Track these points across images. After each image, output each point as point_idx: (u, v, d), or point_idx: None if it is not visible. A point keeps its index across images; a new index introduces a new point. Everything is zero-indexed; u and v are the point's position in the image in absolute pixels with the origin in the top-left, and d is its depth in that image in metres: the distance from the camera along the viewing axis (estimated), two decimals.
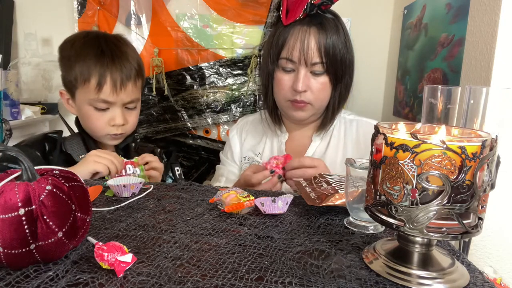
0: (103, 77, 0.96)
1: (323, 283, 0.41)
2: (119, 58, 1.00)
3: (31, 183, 0.41)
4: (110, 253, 0.41)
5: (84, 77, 0.97)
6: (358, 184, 0.55)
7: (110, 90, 0.97)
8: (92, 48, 0.99)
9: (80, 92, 1.00)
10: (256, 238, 0.52)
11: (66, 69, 1.01)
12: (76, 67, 0.98)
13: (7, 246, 0.39)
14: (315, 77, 0.92)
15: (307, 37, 0.89)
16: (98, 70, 0.96)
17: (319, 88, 0.92)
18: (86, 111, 1.01)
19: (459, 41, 1.01)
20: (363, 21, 1.58)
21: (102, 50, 0.99)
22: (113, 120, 1.01)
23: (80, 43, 1.01)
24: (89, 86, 0.97)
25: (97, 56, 0.98)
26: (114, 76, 0.97)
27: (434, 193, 0.38)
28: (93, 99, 0.98)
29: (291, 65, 0.92)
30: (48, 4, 1.63)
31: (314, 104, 0.94)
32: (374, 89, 1.68)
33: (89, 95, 0.98)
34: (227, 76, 1.63)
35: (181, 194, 0.70)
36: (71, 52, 1.01)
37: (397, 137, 0.40)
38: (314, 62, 0.90)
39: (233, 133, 1.13)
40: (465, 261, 0.47)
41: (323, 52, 0.89)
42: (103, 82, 0.96)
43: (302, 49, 0.89)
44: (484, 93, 0.43)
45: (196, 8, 1.59)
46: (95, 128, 1.02)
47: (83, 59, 0.97)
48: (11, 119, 1.37)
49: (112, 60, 0.98)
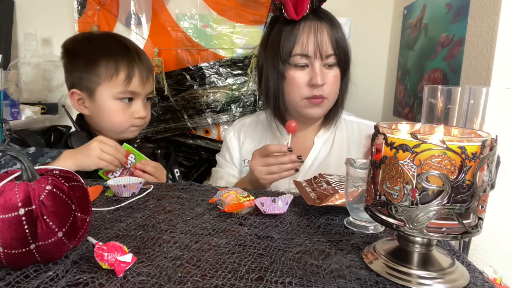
0: (132, 70, 1.00)
1: (323, 283, 0.41)
2: (142, 54, 1.06)
3: (31, 183, 0.41)
4: (110, 253, 0.41)
5: (111, 71, 0.98)
6: (358, 184, 0.55)
7: (138, 82, 1.01)
8: (117, 44, 1.03)
9: (105, 88, 0.99)
10: (256, 238, 0.52)
11: (83, 67, 1.00)
12: (101, 63, 0.98)
13: (7, 246, 0.39)
14: (329, 70, 0.93)
15: (319, 30, 0.91)
16: (126, 63, 0.99)
17: (333, 81, 0.94)
18: (111, 106, 1.01)
19: (459, 41, 1.01)
20: (363, 21, 1.58)
21: (126, 45, 1.03)
22: (137, 112, 1.03)
23: (100, 40, 1.04)
24: (117, 80, 0.99)
25: (124, 51, 1.01)
26: (141, 69, 1.02)
27: (434, 193, 0.38)
28: (121, 92, 1.00)
29: (305, 60, 0.92)
30: (48, 4, 1.63)
31: (329, 98, 0.95)
32: (374, 89, 1.68)
33: (116, 89, 0.99)
34: (227, 76, 1.63)
35: (181, 194, 0.70)
36: (91, 49, 1.01)
37: (397, 137, 0.40)
38: (329, 54, 0.91)
39: (230, 136, 1.11)
40: (465, 261, 0.47)
41: (335, 44, 0.91)
42: (132, 74, 1.00)
43: (316, 42, 0.90)
44: (484, 93, 0.43)
45: (196, 8, 1.59)
46: (120, 122, 1.02)
47: (109, 55, 0.99)
48: (11, 119, 1.37)
49: (138, 55, 1.03)
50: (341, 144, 1.01)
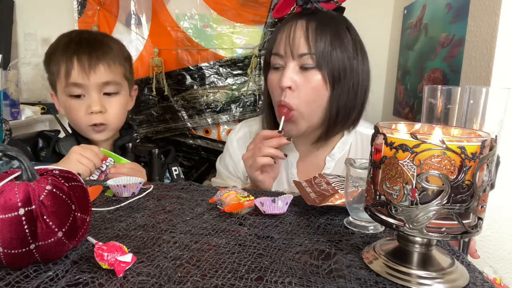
0: (70, 61, 0.94)
1: (323, 283, 0.41)
2: (88, 42, 0.98)
3: (31, 183, 0.41)
4: (110, 253, 0.41)
5: (56, 67, 0.97)
6: (358, 184, 0.55)
7: (78, 73, 0.95)
8: (64, 39, 1.00)
9: (58, 85, 0.99)
10: (256, 238, 0.52)
11: (46, 67, 1.02)
12: (50, 60, 0.98)
13: (7, 246, 0.39)
14: (304, 73, 0.80)
15: (293, 27, 0.81)
16: (66, 56, 0.95)
17: (308, 86, 0.80)
18: (65, 104, 0.99)
19: (459, 41, 1.01)
20: (363, 21, 1.58)
21: (71, 38, 0.99)
22: (90, 107, 0.97)
23: (57, 38, 1.02)
24: (60, 75, 0.96)
25: (65, 45, 0.98)
26: (81, 58, 0.95)
27: (434, 193, 0.38)
28: (65, 86, 0.96)
29: (280, 61, 0.83)
30: (48, 4, 1.63)
31: (300, 109, 0.81)
32: (374, 89, 1.66)
33: (61, 83, 0.97)
34: (227, 76, 1.63)
35: (181, 194, 0.70)
36: (48, 51, 1.01)
37: (396, 137, 0.40)
38: (302, 53, 0.79)
39: (233, 145, 1.00)
40: (464, 261, 0.47)
41: (311, 41, 0.78)
42: (70, 66, 0.95)
43: (288, 39, 0.80)
44: (484, 93, 0.43)
45: (196, 8, 1.59)
46: (76, 120, 1.00)
47: (55, 52, 0.98)
48: (11, 119, 1.37)
49: (79, 44, 0.97)
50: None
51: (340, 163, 0.90)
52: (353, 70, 0.82)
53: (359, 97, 0.85)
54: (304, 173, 0.92)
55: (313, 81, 0.80)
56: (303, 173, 0.92)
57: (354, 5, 1.58)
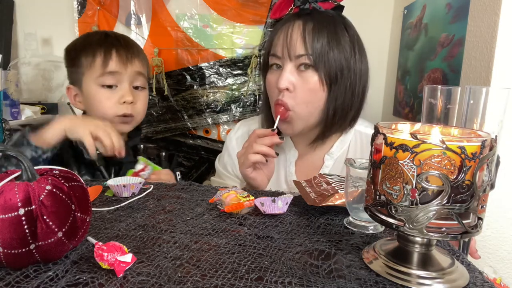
0: (108, 52, 0.97)
1: (323, 283, 0.41)
2: (124, 39, 1.03)
3: (31, 183, 0.41)
4: (110, 253, 0.41)
5: (90, 59, 0.98)
6: (358, 184, 0.55)
7: (116, 63, 0.98)
8: (96, 35, 1.04)
9: (88, 77, 0.99)
10: (256, 238, 0.52)
11: (71, 61, 1.02)
12: (82, 53, 0.99)
13: (7, 246, 0.39)
14: (302, 73, 0.81)
15: (290, 28, 0.81)
16: (103, 48, 0.98)
17: (305, 87, 0.80)
18: (95, 94, 0.99)
19: (459, 41, 1.00)
20: (363, 21, 1.58)
21: (107, 34, 1.03)
22: (123, 97, 0.99)
23: (85, 35, 1.06)
24: (95, 65, 0.97)
25: (102, 39, 1.01)
26: (120, 51, 0.99)
27: (434, 193, 0.38)
28: (100, 74, 0.97)
29: (277, 61, 0.83)
30: (48, 4, 1.63)
31: (296, 110, 0.82)
32: (374, 89, 1.68)
33: (96, 73, 0.98)
34: (227, 76, 1.63)
35: (181, 194, 0.70)
36: (76, 44, 1.03)
37: (396, 137, 0.40)
38: (299, 54, 0.80)
39: (232, 144, 1.00)
40: (464, 261, 0.47)
41: (308, 42, 0.78)
42: (108, 56, 0.97)
43: (285, 40, 0.81)
44: (484, 93, 0.43)
45: (196, 8, 1.59)
46: (105, 109, 0.99)
47: (89, 45, 1.00)
48: (11, 119, 1.37)
49: (117, 40, 1.01)
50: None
51: (338, 162, 0.90)
52: (350, 70, 0.82)
53: (357, 97, 0.85)
54: (303, 171, 0.92)
55: (310, 82, 0.81)
56: (302, 172, 0.92)
57: (354, 5, 1.58)
